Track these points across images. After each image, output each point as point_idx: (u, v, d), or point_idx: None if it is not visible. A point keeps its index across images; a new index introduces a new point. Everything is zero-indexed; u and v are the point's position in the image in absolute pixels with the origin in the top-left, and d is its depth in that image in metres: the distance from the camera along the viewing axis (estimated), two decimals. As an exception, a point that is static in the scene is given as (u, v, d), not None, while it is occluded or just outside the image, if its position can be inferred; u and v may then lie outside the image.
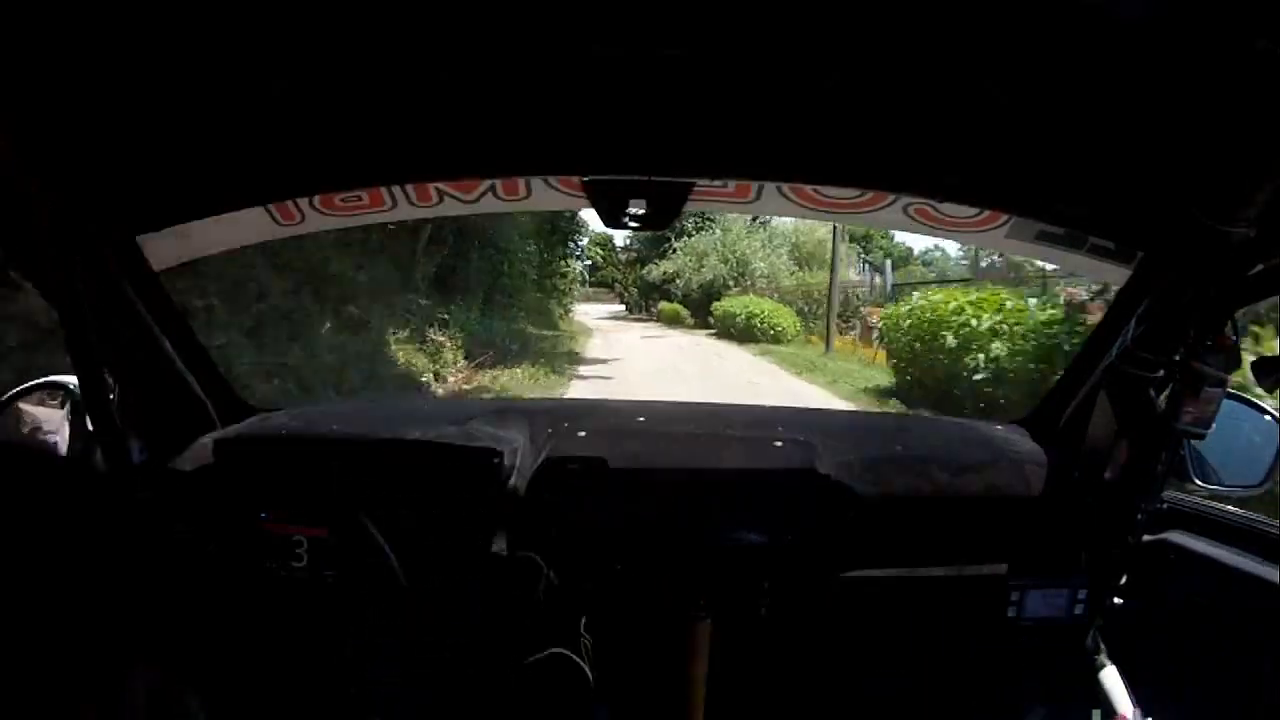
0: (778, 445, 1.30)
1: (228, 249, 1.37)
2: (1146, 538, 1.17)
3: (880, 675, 1.27)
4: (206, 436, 1.30)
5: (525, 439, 1.29)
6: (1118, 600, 1.19)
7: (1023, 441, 1.35)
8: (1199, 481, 1.23)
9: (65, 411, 1.22)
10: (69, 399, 1.22)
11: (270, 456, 1.27)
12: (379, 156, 1.07)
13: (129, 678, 1.13)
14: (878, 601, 1.22)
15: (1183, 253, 0.99)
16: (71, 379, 1.15)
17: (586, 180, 1.13)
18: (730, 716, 1.24)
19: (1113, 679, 1.17)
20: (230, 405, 1.39)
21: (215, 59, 0.80)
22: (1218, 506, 1.24)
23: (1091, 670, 1.19)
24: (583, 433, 1.32)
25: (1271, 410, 1.21)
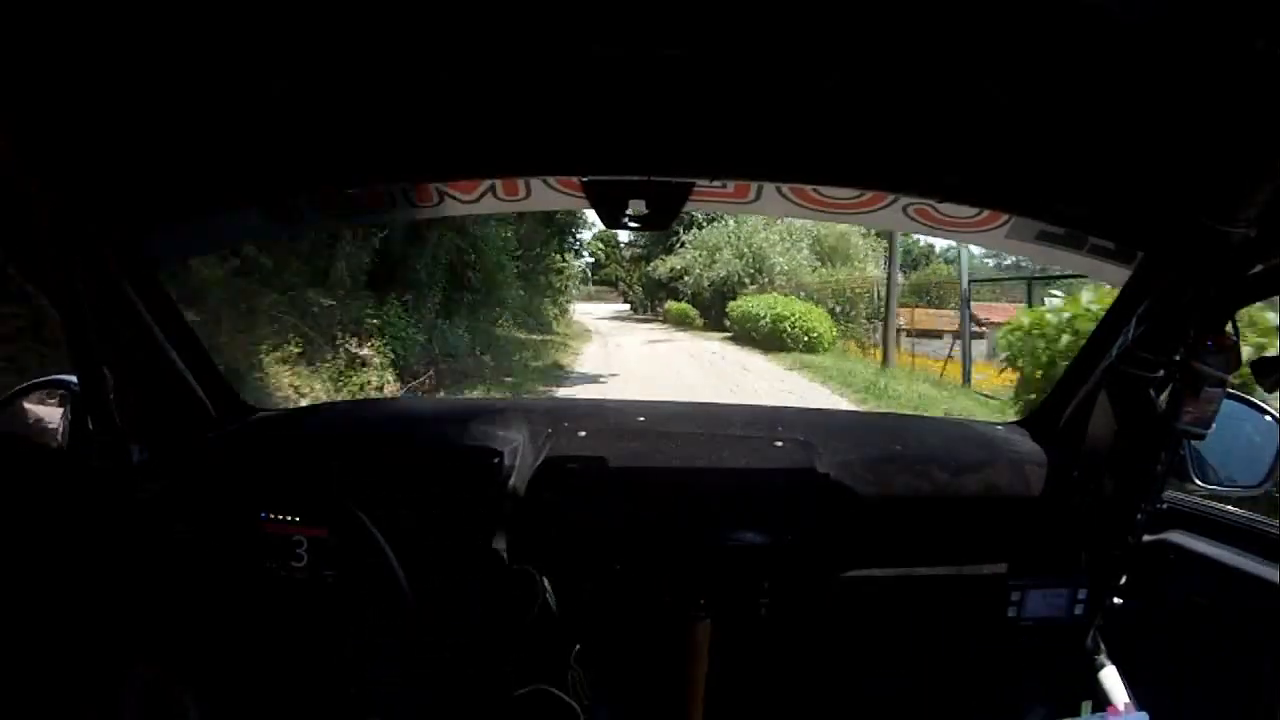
0: (778, 445, 1.30)
1: (228, 249, 1.38)
2: (1146, 538, 1.17)
3: (880, 675, 1.27)
4: (206, 436, 1.30)
5: (525, 439, 1.29)
6: (1118, 600, 1.19)
7: (1023, 441, 1.35)
8: (1199, 481, 1.23)
9: (65, 411, 1.23)
10: (69, 398, 1.22)
11: (270, 456, 1.27)
12: (379, 156, 1.07)
13: (128, 677, 1.13)
14: (878, 601, 1.22)
15: (1183, 253, 0.99)
16: (71, 378, 1.15)
17: (586, 180, 1.13)
18: (730, 717, 1.24)
19: (1113, 679, 1.17)
20: (230, 405, 1.39)
21: (215, 58, 0.80)
22: (1218, 506, 1.24)
23: (1091, 670, 1.19)
24: (583, 432, 1.32)
25: (1271, 410, 1.21)
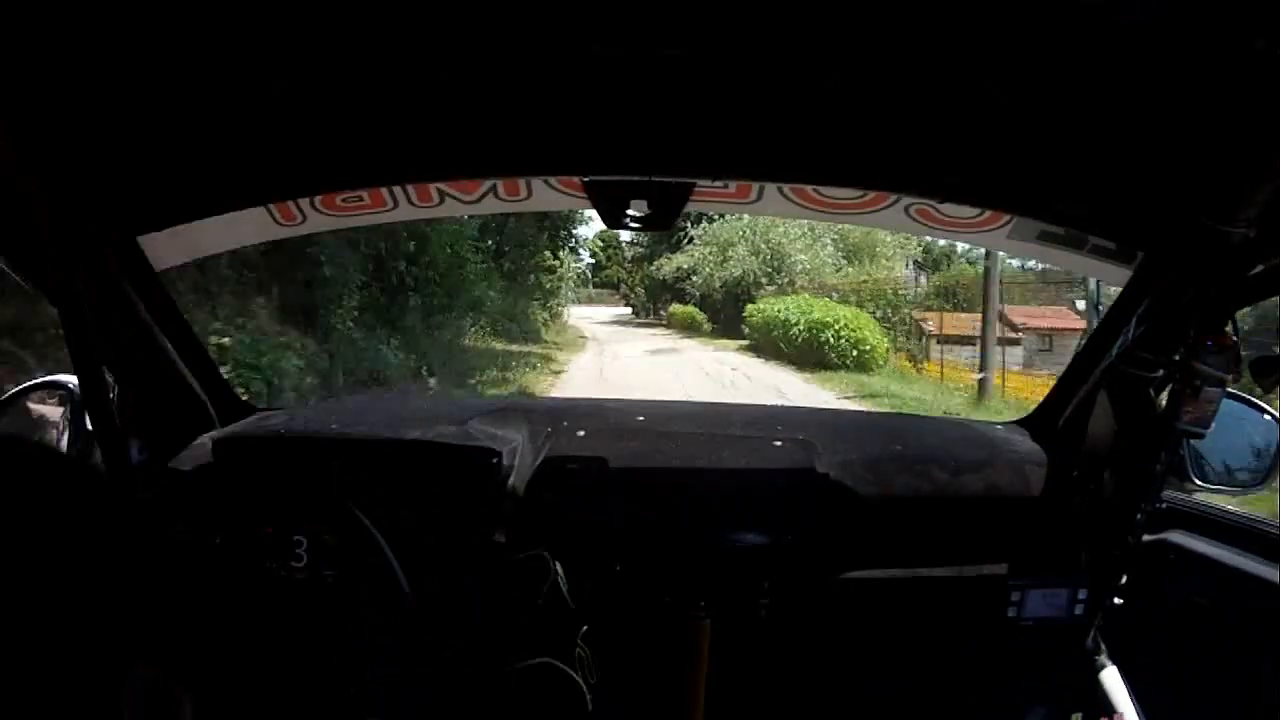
0: (778, 445, 1.30)
1: (228, 249, 1.38)
2: (1146, 538, 1.17)
3: (880, 675, 1.27)
4: (206, 436, 1.30)
5: (524, 438, 1.28)
6: (1118, 600, 1.19)
7: (1023, 441, 1.35)
8: (1199, 481, 1.23)
9: (65, 411, 1.23)
10: (69, 399, 1.22)
11: (270, 456, 1.27)
12: (379, 157, 1.07)
13: (128, 678, 1.13)
14: (878, 602, 1.22)
15: (1183, 253, 0.99)
16: (71, 379, 1.15)
17: (587, 181, 1.13)
18: (730, 717, 1.24)
19: (1113, 679, 1.17)
20: (230, 405, 1.39)
21: (215, 59, 0.80)
22: (1218, 506, 1.24)
23: (1091, 670, 1.19)
24: (582, 432, 1.32)
25: (1271, 410, 1.21)
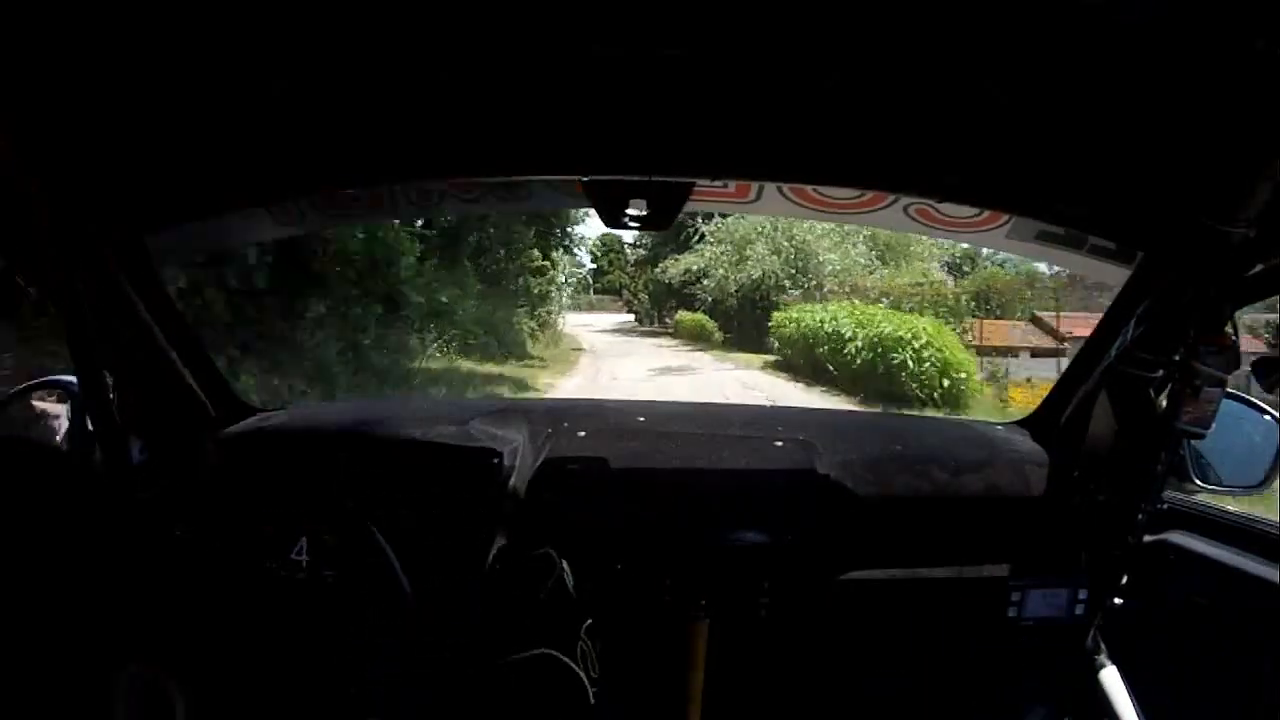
0: (778, 445, 1.30)
1: (228, 249, 1.38)
2: (1146, 538, 1.17)
3: (880, 676, 1.27)
4: (206, 436, 1.30)
5: (525, 439, 1.29)
6: (1118, 600, 1.19)
7: (1023, 442, 1.35)
8: (1199, 481, 1.23)
9: (65, 411, 1.23)
10: (69, 398, 1.22)
11: (270, 456, 1.27)
12: (379, 156, 1.07)
13: (127, 677, 1.13)
14: (878, 602, 1.22)
15: (1183, 253, 0.99)
16: (71, 378, 1.15)
17: (586, 180, 1.13)
18: (730, 717, 1.24)
19: (1113, 679, 1.17)
20: (230, 405, 1.39)
21: (215, 59, 0.80)
22: (1218, 506, 1.24)
23: (1091, 670, 1.19)
24: (582, 433, 1.32)
25: (1271, 410, 1.21)
